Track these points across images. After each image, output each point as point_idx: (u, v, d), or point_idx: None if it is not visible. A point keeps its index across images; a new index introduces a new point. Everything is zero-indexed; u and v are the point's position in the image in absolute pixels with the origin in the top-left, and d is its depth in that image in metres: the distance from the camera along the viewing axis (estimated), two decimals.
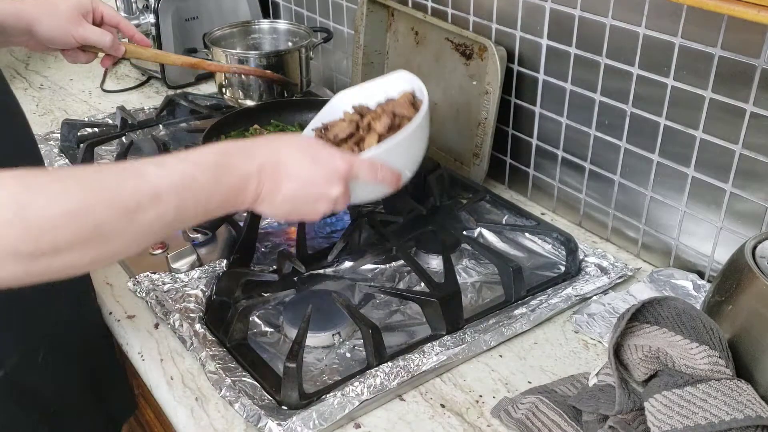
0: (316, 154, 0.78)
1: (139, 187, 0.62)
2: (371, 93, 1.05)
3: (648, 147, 1.07)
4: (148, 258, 1.11)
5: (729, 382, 0.69)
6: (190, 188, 0.66)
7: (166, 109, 1.56)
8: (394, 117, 0.97)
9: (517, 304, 1.01)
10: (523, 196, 1.33)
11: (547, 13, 1.15)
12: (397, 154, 0.90)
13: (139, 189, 0.62)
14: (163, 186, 0.63)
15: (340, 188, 0.79)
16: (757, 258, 0.76)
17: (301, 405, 0.84)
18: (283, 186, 0.75)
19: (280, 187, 0.75)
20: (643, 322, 0.74)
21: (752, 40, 0.90)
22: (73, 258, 0.60)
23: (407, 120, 0.96)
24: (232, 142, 0.74)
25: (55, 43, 1.04)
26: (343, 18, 1.64)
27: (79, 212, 0.59)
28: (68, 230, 0.58)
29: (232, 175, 0.70)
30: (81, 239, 0.59)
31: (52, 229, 0.57)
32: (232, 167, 0.70)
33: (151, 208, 0.62)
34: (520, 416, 0.83)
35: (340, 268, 1.09)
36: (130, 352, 0.98)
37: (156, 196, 0.62)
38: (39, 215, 0.56)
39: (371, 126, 0.97)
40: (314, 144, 0.81)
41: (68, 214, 0.58)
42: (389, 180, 0.86)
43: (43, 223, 0.57)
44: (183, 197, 0.65)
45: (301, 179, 0.76)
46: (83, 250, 0.60)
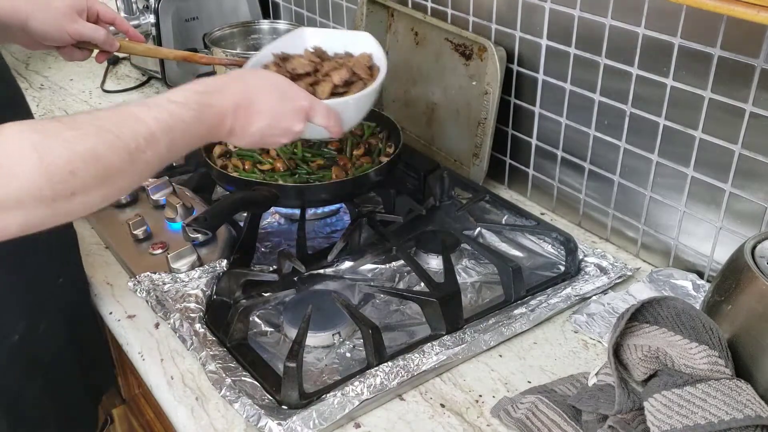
0: (284, 92, 0.87)
1: (138, 130, 0.68)
2: (333, 40, 1.12)
3: (647, 147, 1.08)
4: (148, 258, 1.11)
5: (728, 382, 0.69)
6: (178, 127, 0.73)
7: None
8: (353, 74, 1.05)
9: (517, 304, 1.01)
10: (522, 196, 1.33)
11: (547, 14, 1.15)
12: (349, 110, 0.99)
13: (137, 131, 0.68)
14: (156, 127, 0.70)
15: (303, 125, 0.89)
16: (756, 258, 0.76)
17: (301, 405, 0.84)
18: (254, 121, 0.83)
19: (252, 122, 0.83)
20: (642, 322, 0.74)
21: (751, 41, 0.90)
22: (87, 199, 0.66)
23: (362, 82, 1.05)
24: (209, 79, 0.81)
25: (49, 40, 1.05)
26: (343, 18, 1.64)
27: (91, 157, 0.64)
28: (83, 174, 0.64)
29: (212, 113, 0.78)
30: (93, 181, 0.65)
31: (69, 174, 0.63)
32: (212, 106, 0.78)
33: (148, 147, 0.69)
34: (519, 416, 0.83)
35: (340, 268, 1.09)
36: (131, 352, 0.98)
37: (152, 136, 0.69)
38: (58, 162, 0.62)
39: (329, 75, 1.04)
40: (282, 82, 0.89)
41: (82, 160, 0.63)
42: (335, 129, 0.94)
43: (62, 168, 0.62)
44: (173, 135, 0.72)
45: (270, 115, 0.85)
46: (95, 191, 0.66)
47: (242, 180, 1.16)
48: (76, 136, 0.64)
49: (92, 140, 0.65)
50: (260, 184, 1.12)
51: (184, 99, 0.75)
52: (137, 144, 0.67)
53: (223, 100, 0.79)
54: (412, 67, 1.44)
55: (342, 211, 1.27)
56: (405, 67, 1.46)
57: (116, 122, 0.67)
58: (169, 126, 0.71)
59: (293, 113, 0.87)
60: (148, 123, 0.69)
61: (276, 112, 0.85)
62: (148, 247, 1.13)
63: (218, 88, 0.80)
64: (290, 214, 1.24)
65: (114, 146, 0.66)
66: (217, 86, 0.80)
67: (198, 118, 0.75)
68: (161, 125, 0.70)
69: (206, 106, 0.77)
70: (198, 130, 0.76)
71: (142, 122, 0.69)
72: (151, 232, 1.17)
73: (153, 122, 0.69)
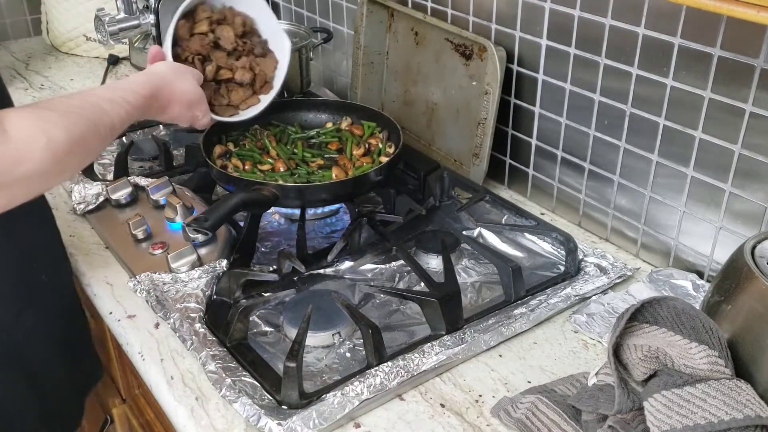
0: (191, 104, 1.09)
1: (105, 122, 0.86)
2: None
3: (647, 147, 1.08)
4: (148, 258, 1.12)
5: (728, 382, 0.69)
6: (126, 121, 0.93)
7: None
8: (252, 79, 1.22)
9: (517, 304, 1.01)
10: (522, 196, 1.33)
11: (547, 14, 1.15)
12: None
13: (105, 123, 0.86)
14: (118, 120, 0.90)
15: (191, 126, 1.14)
16: (756, 258, 0.76)
17: (301, 404, 0.84)
18: (164, 116, 1.07)
19: (163, 116, 1.07)
20: (642, 322, 0.74)
21: (751, 41, 0.90)
22: (71, 172, 0.90)
23: (251, 90, 1.23)
24: (150, 83, 1.01)
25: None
26: (343, 18, 1.64)
27: (80, 141, 0.80)
28: (75, 154, 0.80)
29: (146, 109, 1.00)
30: (79, 160, 0.84)
31: (67, 154, 0.78)
32: (150, 107, 1.00)
33: (110, 135, 0.88)
34: (519, 416, 0.83)
35: (340, 268, 1.09)
36: (131, 352, 0.98)
37: (113, 127, 0.88)
38: (60, 146, 0.77)
39: (234, 69, 1.20)
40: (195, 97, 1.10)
41: (75, 144, 0.79)
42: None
43: (62, 150, 0.77)
44: (122, 124, 0.91)
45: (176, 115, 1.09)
46: (78, 165, 0.85)
47: (242, 180, 1.16)
48: (69, 124, 0.79)
49: (81, 128, 0.81)
50: (260, 184, 1.12)
51: (135, 102, 0.94)
52: (106, 132, 0.87)
53: (158, 100, 1.02)
54: (412, 67, 1.44)
55: (342, 211, 1.27)
56: (405, 67, 1.46)
57: (94, 113, 0.85)
58: (123, 120, 0.91)
59: (190, 118, 1.11)
60: (112, 117, 0.88)
61: (181, 115, 1.09)
62: (148, 247, 1.13)
63: (157, 89, 1.02)
64: (290, 214, 1.24)
65: (94, 133, 0.84)
66: (156, 87, 1.02)
67: (139, 113, 0.97)
68: (120, 119, 0.90)
69: (146, 107, 0.99)
70: (135, 118, 0.97)
71: (109, 116, 0.87)
72: (151, 232, 1.17)
73: (116, 117, 0.89)
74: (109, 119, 0.88)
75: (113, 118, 0.89)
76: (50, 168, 0.76)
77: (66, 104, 0.83)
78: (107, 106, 0.89)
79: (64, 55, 1.99)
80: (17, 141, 0.73)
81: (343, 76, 1.71)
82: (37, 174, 0.75)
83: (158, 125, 1.54)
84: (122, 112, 0.91)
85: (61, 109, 0.81)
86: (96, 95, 0.90)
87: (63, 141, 0.77)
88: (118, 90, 0.94)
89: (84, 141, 0.81)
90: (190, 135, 1.48)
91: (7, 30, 2.08)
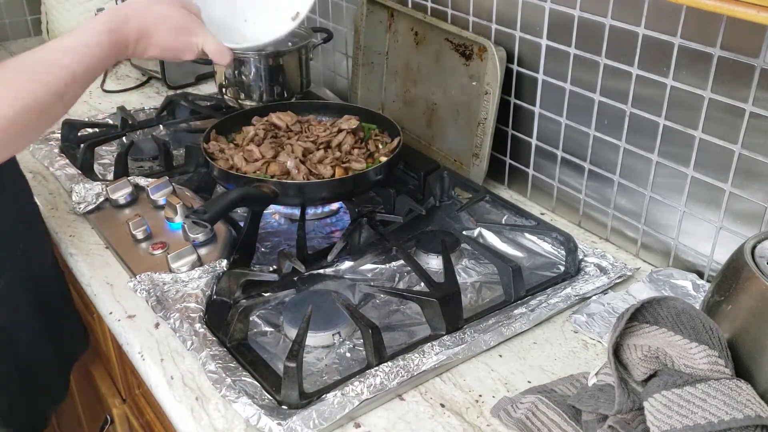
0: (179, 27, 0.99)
1: (63, 76, 0.83)
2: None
3: (647, 147, 1.08)
4: (148, 258, 1.12)
5: (728, 382, 0.69)
6: (93, 65, 0.88)
7: (166, 109, 1.56)
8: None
9: (517, 304, 1.01)
10: (522, 196, 1.33)
11: (547, 14, 1.15)
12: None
13: (62, 77, 0.83)
14: (78, 69, 0.85)
15: (193, 56, 1.03)
16: (756, 258, 0.76)
17: (301, 405, 0.84)
18: (150, 50, 0.98)
19: (147, 51, 0.98)
20: (642, 322, 0.74)
21: (751, 40, 0.90)
22: (31, 135, 0.85)
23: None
24: (114, 12, 0.94)
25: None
26: (343, 18, 1.64)
27: (35, 105, 0.80)
28: (30, 122, 0.81)
29: (118, 45, 0.93)
30: (36, 122, 0.82)
31: (18, 126, 0.79)
32: (118, 42, 0.93)
33: (71, 87, 0.84)
34: (519, 416, 0.83)
35: (340, 268, 1.09)
36: (131, 352, 0.98)
37: (74, 79, 0.84)
38: (10, 111, 0.77)
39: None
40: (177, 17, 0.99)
41: (29, 109, 0.79)
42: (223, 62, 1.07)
43: (10, 125, 0.78)
44: (89, 71, 0.87)
45: (164, 47, 0.99)
46: (36, 129, 0.84)
47: (243, 177, 1.16)
48: (23, 89, 0.80)
49: (35, 93, 0.80)
50: (261, 181, 1.13)
51: (96, 41, 0.88)
52: (64, 87, 0.83)
53: (127, 33, 0.94)
54: (412, 67, 1.44)
55: (342, 211, 1.27)
56: (405, 67, 1.46)
57: (49, 71, 0.83)
58: (87, 67, 0.86)
59: (185, 47, 1.01)
60: (70, 67, 0.84)
61: (169, 45, 0.99)
62: (148, 247, 1.13)
63: (122, 21, 0.93)
64: (290, 214, 1.24)
65: (48, 92, 0.82)
66: (120, 19, 0.93)
67: (107, 53, 0.91)
68: (81, 67, 0.85)
69: (114, 43, 0.91)
70: (107, 60, 0.91)
71: (66, 69, 0.84)
72: (151, 232, 1.17)
73: (74, 66, 0.84)
74: (69, 72, 0.84)
75: (75, 69, 0.84)
76: (3, 141, 0.77)
77: (14, 69, 0.82)
78: (63, 57, 0.85)
79: None
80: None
81: (343, 76, 1.71)
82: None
83: (158, 125, 1.54)
84: (85, 59, 0.86)
85: (7, 78, 0.80)
86: (51, 47, 0.86)
87: (13, 106, 0.77)
88: (76, 34, 0.89)
89: (39, 104, 0.80)
90: (190, 135, 1.49)
91: (7, 30, 2.08)
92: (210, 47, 1.03)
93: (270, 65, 1.53)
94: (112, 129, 1.51)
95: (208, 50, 1.03)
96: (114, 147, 1.48)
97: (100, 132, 1.50)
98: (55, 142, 1.47)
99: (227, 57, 1.05)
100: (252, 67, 1.53)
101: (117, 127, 1.51)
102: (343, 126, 1.28)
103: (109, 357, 1.28)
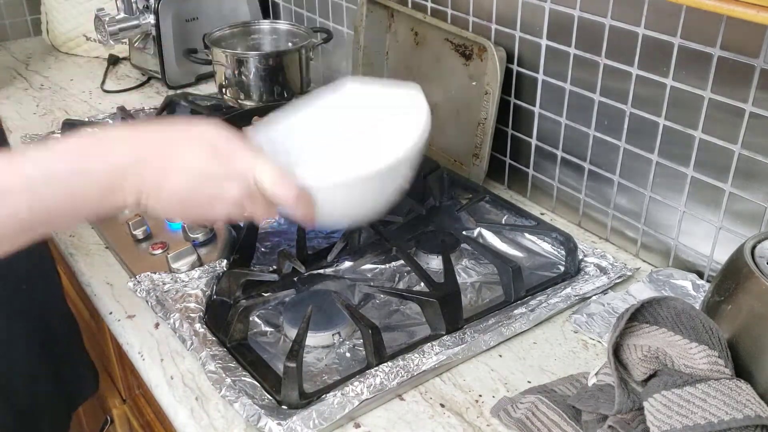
0: (219, 147, 0.67)
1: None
2: (376, 97, 0.87)
3: (647, 147, 1.08)
4: (148, 258, 1.12)
5: (728, 382, 0.69)
6: (49, 183, 0.58)
7: (166, 109, 1.56)
8: None
9: (517, 304, 1.01)
10: (522, 196, 1.33)
11: (547, 14, 1.15)
12: (340, 196, 0.71)
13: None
14: (14, 181, 0.56)
15: (237, 189, 0.67)
16: (756, 258, 0.76)
17: (301, 405, 0.84)
18: (170, 179, 0.64)
19: (167, 179, 0.64)
20: (642, 322, 0.74)
21: (751, 40, 0.90)
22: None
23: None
24: (105, 130, 0.67)
25: None
26: (343, 18, 1.64)
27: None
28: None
29: (101, 165, 0.61)
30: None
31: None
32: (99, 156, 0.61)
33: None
34: (519, 416, 0.83)
35: (340, 268, 1.09)
36: (130, 352, 0.98)
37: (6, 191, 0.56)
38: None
39: None
40: (219, 135, 0.68)
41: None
42: (304, 217, 0.72)
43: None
44: (41, 192, 0.57)
45: (194, 173, 0.65)
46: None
47: None
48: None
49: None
50: None
51: (59, 148, 0.60)
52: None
53: (121, 149, 0.62)
54: (412, 67, 1.44)
55: None
56: (405, 67, 1.46)
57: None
58: (32, 180, 0.56)
59: (227, 173, 0.66)
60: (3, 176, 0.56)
61: (201, 169, 0.65)
62: (148, 247, 1.14)
63: (112, 137, 0.64)
64: None
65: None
66: (111, 134, 0.65)
67: (80, 172, 0.59)
68: (20, 179, 0.56)
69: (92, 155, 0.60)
70: (83, 192, 0.59)
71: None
72: (151, 232, 1.17)
73: (11, 176, 0.56)
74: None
75: (6, 179, 0.56)
76: None
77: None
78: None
79: (64, 55, 1.99)
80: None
81: (343, 76, 1.71)
82: None
83: None
84: (27, 166, 0.57)
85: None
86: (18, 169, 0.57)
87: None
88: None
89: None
90: None
91: (7, 30, 2.08)
92: (268, 180, 0.68)
93: (270, 65, 1.53)
94: None
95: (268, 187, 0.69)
96: None
97: None
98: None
99: (310, 219, 0.74)
100: (252, 67, 1.53)
101: None
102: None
103: (109, 357, 1.28)
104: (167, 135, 0.66)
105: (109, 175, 0.61)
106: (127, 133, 0.65)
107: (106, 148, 0.62)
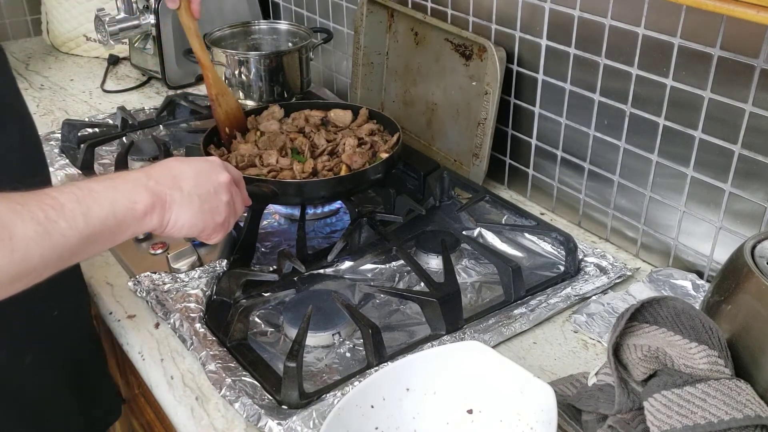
0: (201, 165, 0.85)
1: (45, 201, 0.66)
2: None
3: (647, 147, 1.08)
4: (148, 258, 1.12)
5: (728, 382, 0.69)
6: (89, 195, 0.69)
7: (166, 109, 1.56)
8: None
9: (517, 304, 1.01)
10: (522, 196, 1.33)
11: (547, 14, 1.15)
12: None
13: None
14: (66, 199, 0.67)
15: (225, 176, 0.86)
16: (756, 258, 0.76)
17: (301, 404, 0.84)
18: (181, 183, 0.80)
19: (179, 185, 0.79)
20: (642, 322, 0.74)
21: (751, 41, 0.90)
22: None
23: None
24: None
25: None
26: (343, 18, 1.64)
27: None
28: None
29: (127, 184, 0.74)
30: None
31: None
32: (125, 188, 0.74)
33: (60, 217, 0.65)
34: None
35: (340, 268, 1.09)
36: (131, 352, 0.98)
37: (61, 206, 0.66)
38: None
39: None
40: (199, 159, 0.86)
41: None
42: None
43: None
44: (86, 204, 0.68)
45: (192, 171, 0.82)
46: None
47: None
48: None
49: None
50: (260, 180, 1.13)
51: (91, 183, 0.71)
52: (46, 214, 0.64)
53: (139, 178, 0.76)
54: (412, 67, 1.44)
55: (342, 211, 1.27)
56: (405, 67, 1.46)
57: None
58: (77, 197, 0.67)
59: (213, 168, 0.86)
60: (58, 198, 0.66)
61: (196, 168, 0.83)
62: (148, 247, 1.13)
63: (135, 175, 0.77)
64: (290, 214, 1.24)
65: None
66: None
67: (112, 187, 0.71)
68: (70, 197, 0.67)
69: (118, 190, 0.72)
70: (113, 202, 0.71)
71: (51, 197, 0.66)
72: (151, 232, 1.16)
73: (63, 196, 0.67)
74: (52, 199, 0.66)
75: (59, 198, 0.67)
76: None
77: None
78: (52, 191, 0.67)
79: (64, 55, 1.99)
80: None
81: (343, 76, 1.71)
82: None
83: (158, 125, 1.54)
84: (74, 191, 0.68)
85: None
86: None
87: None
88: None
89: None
90: (190, 135, 1.49)
91: (7, 30, 2.08)
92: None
93: (270, 65, 1.53)
94: (112, 129, 1.51)
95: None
96: (114, 147, 1.48)
97: (100, 132, 1.50)
98: (55, 142, 1.47)
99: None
100: (252, 67, 1.53)
101: (117, 127, 1.51)
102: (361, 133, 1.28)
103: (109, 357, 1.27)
104: (166, 166, 0.81)
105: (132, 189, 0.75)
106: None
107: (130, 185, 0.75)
